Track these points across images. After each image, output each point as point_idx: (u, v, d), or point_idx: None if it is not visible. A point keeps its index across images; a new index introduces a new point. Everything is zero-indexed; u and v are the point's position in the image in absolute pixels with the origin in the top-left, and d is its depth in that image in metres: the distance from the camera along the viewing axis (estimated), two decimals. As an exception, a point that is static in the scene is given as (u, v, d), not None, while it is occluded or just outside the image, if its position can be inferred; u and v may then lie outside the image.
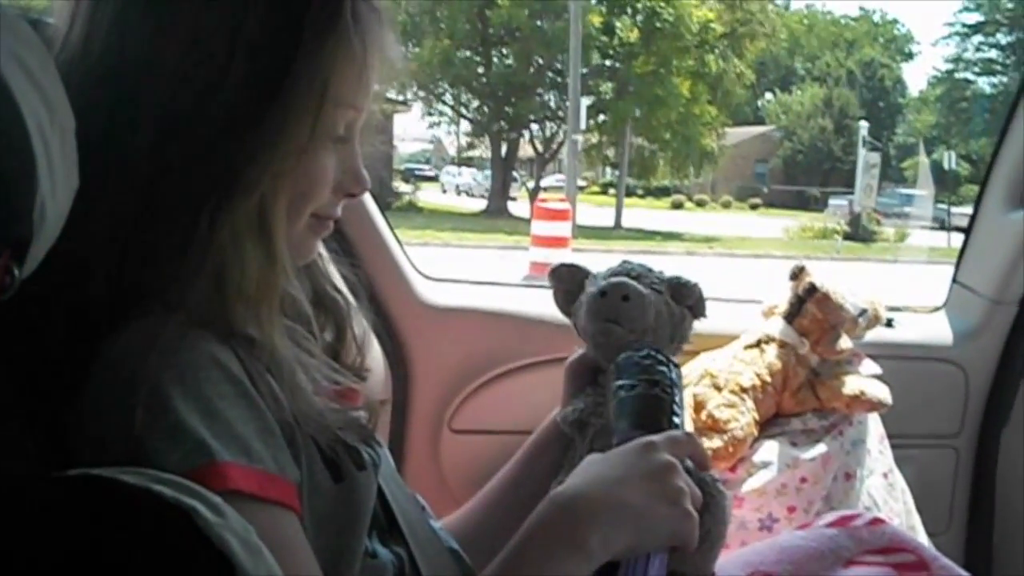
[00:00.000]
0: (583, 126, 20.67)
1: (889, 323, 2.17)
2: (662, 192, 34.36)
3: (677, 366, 1.23)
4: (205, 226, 0.86)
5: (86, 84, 0.80)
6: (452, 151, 35.95)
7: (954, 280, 2.35)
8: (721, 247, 18.97)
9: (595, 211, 23.73)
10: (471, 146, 29.06)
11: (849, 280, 1.95)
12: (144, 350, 0.81)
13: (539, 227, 10.49)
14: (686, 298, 1.38)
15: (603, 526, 0.92)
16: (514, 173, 26.77)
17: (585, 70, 22.09)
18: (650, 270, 1.41)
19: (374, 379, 1.15)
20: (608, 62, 24.57)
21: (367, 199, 1.83)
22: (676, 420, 1.11)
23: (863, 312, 1.90)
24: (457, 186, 32.12)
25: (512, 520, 1.36)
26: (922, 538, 1.92)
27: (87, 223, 0.77)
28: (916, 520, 1.96)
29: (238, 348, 0.87)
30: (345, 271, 1.15)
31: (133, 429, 0.78)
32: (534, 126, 25.50)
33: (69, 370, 0.83)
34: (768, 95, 46.65)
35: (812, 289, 1.87)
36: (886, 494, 1.90)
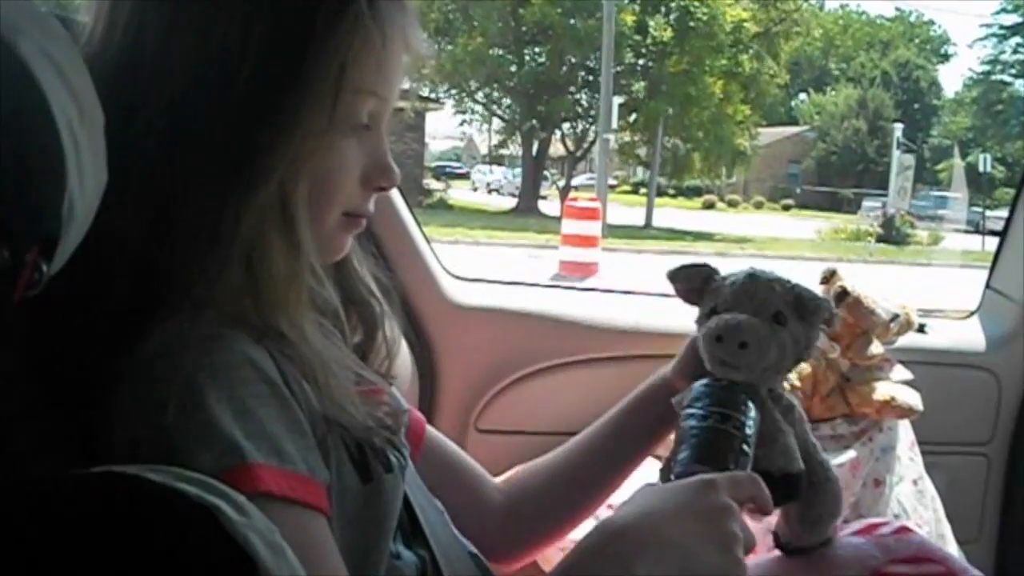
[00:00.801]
0: (615, 125, 20.60)
1: (921, 328, 2.14)
2: (693, 192, 34.16)
3: (782, 399, 1.24)
4: (231, 217, 0.86)
5: (105, 80, 0.81)
6: (483, 149, 35.95)
7: (988, 285, 2.32)
8: (753, 248, 18.85)
9: (626, 210, 23.70)
10: (502, 144, 29.06)
11: (881, 283, 1.93)
12: (177, 349, 0.82)
13: (569, 226, 10.50)
14: (813, 315, 1.31)
15: (649, 562, 0.89)
16: (545, 172, 26.75)
17: (618, 69, 22.05)
18: (778, 279, 1.33)
19: (401, 379, 1.15)
20: (641, 61, 24.50)
21: (396, 198, 1.83)
22: (743, 460, 1.08)
23: (895, 317, 1.88)
24: (488, 184, 32.13)
25: (609, 468, 1.38)
26: (952, 546, 1.91)
27: (110, 219, 0.77)
28: (946, 528, 1.94)
29: (272, 349, 0.87)
30: (375, 271, 1.15)
31: (165, 428, 0.79)
32: (565, 125, 25.47)
33: (101, 368, 0.84)
34: (802, 95, 46.37)
35: (843, 293, 1.85)
36: (916, 501, 1.88)
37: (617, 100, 20.32)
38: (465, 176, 34.91)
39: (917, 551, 1.28)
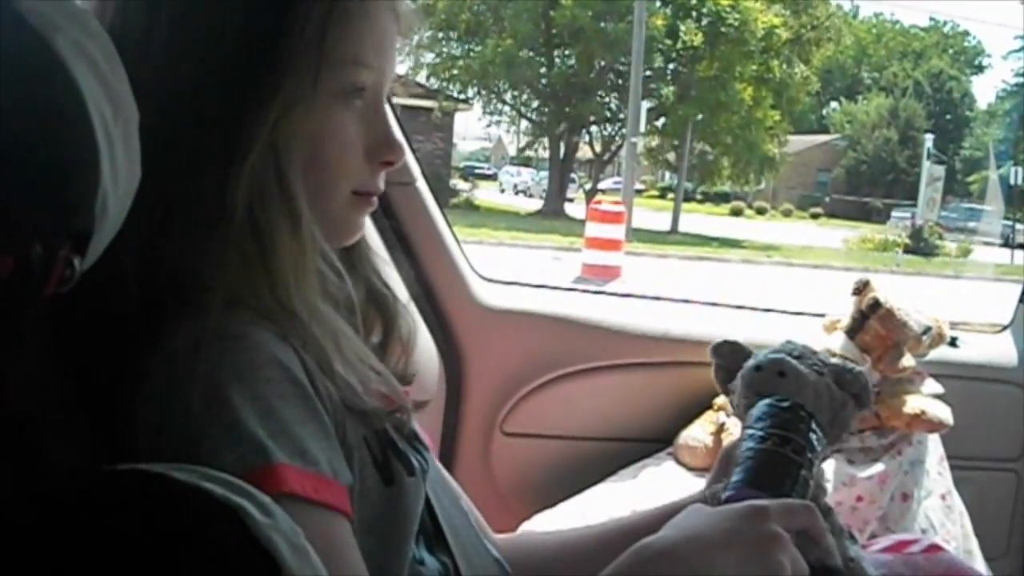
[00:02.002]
0: (643, 129, 20.55)
1: (953, 342, 2.12)
2: (721, 198, 33.97)
3: (821, 499, 1.15)
4: (228, 195, 0.86)
5: None
6: (512, 151, 35.92)
7: (1021, 300, 2.29)
8: (779, 256, 18.77)
9: (653, 215, 23.62)
10: (529, 146, 29.02)
11: (908, 294, 1.91)
12: (203, 348, 0.81)
13: (593, 229, 10.43)
14: (850, 385, 1.29)
15: None
16: (572, 175, 26.70)
17: (647, 73, 21.98)
18: (814, 352, 1.32)
19: (426, 379, 1.14)
20: (671, 65, 24.42)
21: (427, 198, 1.82)
22: (800, 488, 1.01)
23: (927, 330, 1.86)
24: (515, 186, 32.12)
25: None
26: (979, 562, 1.89)
27: None
28: (973, 544, 1.92)
29: (298, 346, 0.86)
30: (403, 270, 1.14)
31: (190, 426, 0.78)
32: (593, 128, 25.43)
33: (127, 367, 0.83)
34: (834, 104, 46.14)
35: (876, 305, 1.83)
36: (943, 516, 1.86)
37: (646, 104, 20.28)
38: (493, 177, 34.92)
39: (947, 570, 1.27)
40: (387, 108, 0.99)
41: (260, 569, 0.64)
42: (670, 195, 29.78)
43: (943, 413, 1.82)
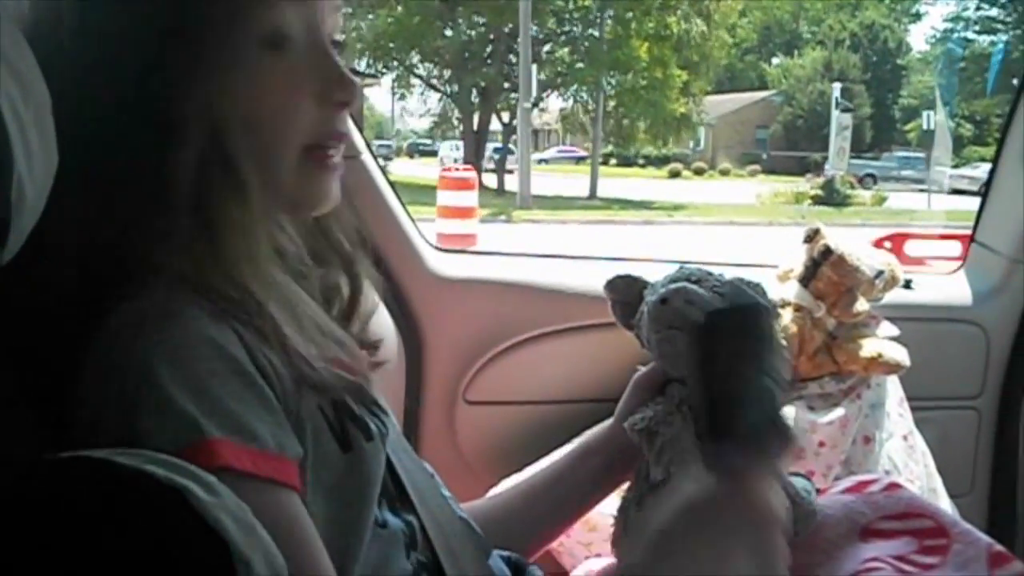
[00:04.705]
0: (534, 94, 20.35)
1: (907, 284, 2.14)
2: (662, 161, 33.89)
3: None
4: (165, 168, 0.84)
5: None
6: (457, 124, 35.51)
7: (972, 239, 2.31)
8: (682, 215, 18.79)
9: (609, 183, 23.61)
10: (443, 118, 28.35)
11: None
12: (134, 329, 0.80)
13: (444, 197, 10.09)
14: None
15: None
16: (511, 146, 26.02)
17: (543, 35, 22.09)
18: (710, 274, 1.33)
19: (385, 350, 1.13)
20: (565, 27, 24.21)
21: (373, 170, 1.82)
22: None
23: (879, 273, 1.88)
24: (456, 159, 31.79)
25: (550, 514, 1.35)
26: (944, 501, 1.91)
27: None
28: (937, 482, 1.95)
29: (238, 324, 0.85)
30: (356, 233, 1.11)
31: (124, 409, 0.78)
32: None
33: (67, 353, 0.82)
34: (775, 60, 46.09)
35: (827, 251, 1.84)
36: (906, 457, 1.88)
37: (535, 69, 19.99)
38: (434, 153, 34.44)
39: (907, 507, 1.28)
40: (334, 52, 0.94)
41: (207, 548, 0.64)
42: (612, 161, 29.73)
43: (900, 355, 1.84)
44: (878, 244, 2.28)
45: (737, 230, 16.37)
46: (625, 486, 1.33)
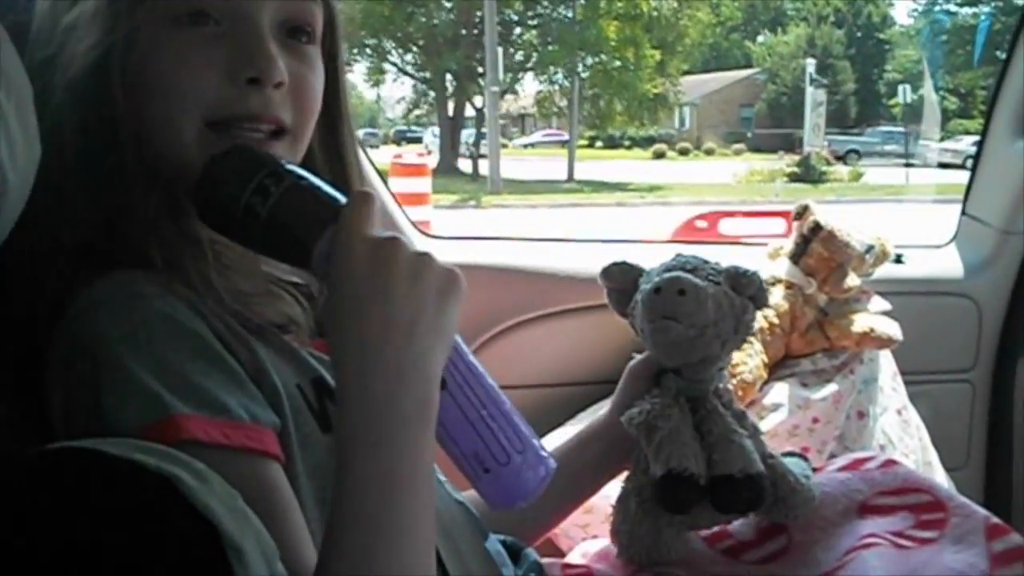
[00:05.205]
0: (501, 76, 20.28)
1: (898, 259, 2.14)
2: (647, 142, 33.79)
3: (733, 404, 1.25)
4: (107, 150, 0.87)
5: None
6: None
7: (963, 212, 2.31)
8: (654, 196, 18.74)
9: (593, 166, 23.60)
10: (417, 104, 28.19)
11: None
12: (93, 312, 0.82)
13: (396, 184, 10.06)
14: (746, 288, 1.30)
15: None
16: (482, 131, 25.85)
17: (513, 18, 21.97)
18: (706, 262, 1.32)
19: None
20: (534, 9, 24.09)
21: (360, 157, 1.80)
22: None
23: (870, 248, 1.87)
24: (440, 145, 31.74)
25: (550, 503, 1.33)
26: (940, 474, 1.91)
27: None
28: (932, 456, 1.94)
29: (198, 302, 0.85)
30: None
31: (90, 392, 0.78)
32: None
33: (37, 343, 0.84)
34: (760, 38, 46.01)
35: (817, 227, 1.84)
36: (901, 431, 1.88)
37: (501, 51, 19.96)
38: (419, 140, 34.37)
39: (903, 482, 1.28)
40: (265, 33, 0.93)
41: (198, 535, 0.64)
42: (598, 143, 29.60)
43: (892, 329, 1.83)
44: (688, 224, 2.25)
45: (707, 209, 16.28)
46: (624, 475, 1.33)
